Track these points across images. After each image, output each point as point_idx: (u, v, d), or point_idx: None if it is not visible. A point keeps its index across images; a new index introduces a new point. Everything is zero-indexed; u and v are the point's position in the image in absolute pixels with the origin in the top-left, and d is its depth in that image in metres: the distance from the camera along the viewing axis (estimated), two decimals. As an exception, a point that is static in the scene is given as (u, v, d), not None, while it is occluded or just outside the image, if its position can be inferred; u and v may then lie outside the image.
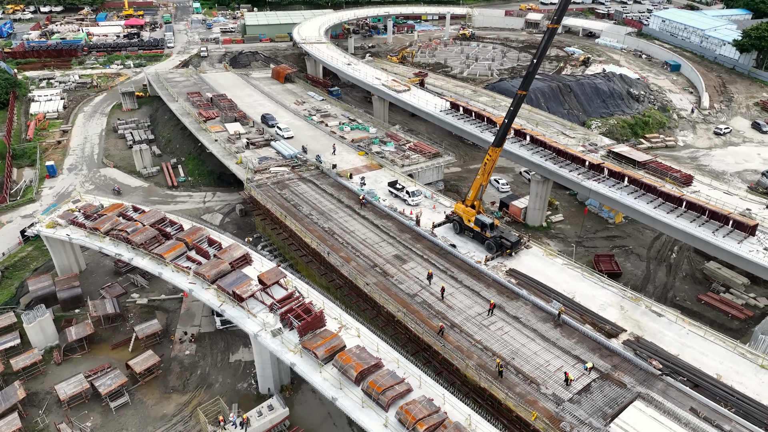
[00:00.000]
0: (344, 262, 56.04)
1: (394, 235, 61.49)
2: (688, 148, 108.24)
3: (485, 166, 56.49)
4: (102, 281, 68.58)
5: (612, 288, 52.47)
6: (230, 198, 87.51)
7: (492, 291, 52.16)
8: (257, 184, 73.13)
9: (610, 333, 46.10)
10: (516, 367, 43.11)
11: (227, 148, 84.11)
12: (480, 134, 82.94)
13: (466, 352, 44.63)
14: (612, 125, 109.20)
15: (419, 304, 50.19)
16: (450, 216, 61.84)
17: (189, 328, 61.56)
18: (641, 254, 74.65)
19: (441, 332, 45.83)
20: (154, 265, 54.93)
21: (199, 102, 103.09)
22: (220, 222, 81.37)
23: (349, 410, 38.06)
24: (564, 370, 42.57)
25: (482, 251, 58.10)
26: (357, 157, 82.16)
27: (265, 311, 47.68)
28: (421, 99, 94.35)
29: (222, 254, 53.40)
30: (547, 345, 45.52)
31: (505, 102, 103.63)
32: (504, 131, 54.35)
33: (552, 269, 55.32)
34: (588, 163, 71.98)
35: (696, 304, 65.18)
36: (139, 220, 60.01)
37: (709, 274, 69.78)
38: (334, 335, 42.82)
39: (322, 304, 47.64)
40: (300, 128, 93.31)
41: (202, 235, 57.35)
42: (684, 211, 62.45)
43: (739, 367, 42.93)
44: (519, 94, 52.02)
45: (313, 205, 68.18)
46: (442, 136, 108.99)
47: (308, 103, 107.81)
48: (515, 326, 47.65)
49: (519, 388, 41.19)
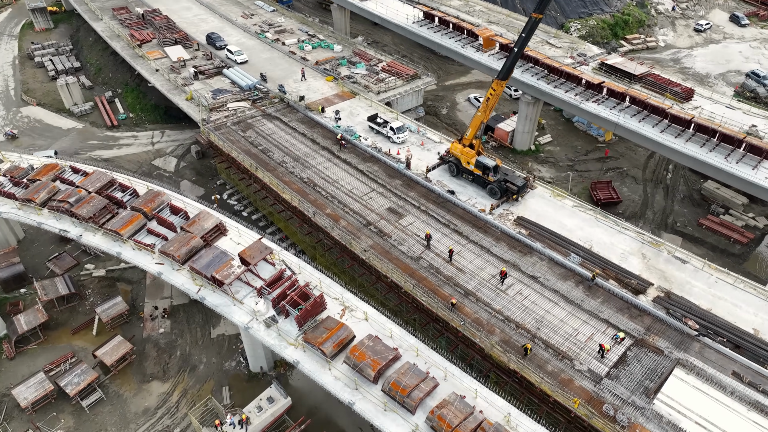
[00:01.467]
0: (333, 222, 49.15)
1: (383, 182, 54.48)
2: (669, 49, 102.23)
3: (488, 101, 48.99)
4: (47, 251, 59.62)
5: (629, 232, 48.19)
6: (182, 137, 77.06)
7: (502, 245, 47.01)
8: (215, 125, 63.20)
9: (638, 289, 42.31)
10: (544, 340, 39.02)
11: (172, 80, 72.26)
12: (461, 50, 73.95)
13: (486, 325, 40.07)
14: (592, 27, 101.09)
15: (425, 270, 44.69)
16: (445, 157, 54.95)
17: (159, 301, 54.62)
18: (636, 176, 70.73)
19: (453, 306, 40.80)
20: (108, 244, 46.65)
21: (129, 21, 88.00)
22: (175, 167, 71.78)
23: (370, 415, 33.39)
24: (595, 339, 38.87)
25: (484, 196, 52.25)
26: (325, 84, 72.27)
27: (253, 295, 41.18)
28: (390, 8, 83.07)
29: (190, 226, 45.47)
30: (573, 309, 41.45)
31: (480, 6, 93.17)
32: (512, 63, 46.40)
33: (562, 213, 50.34)
34: (585, 82, 65.14)
35: (697, 229, 62.60)
36: (81, 185, 50.47)
37: (707, 194, 66.85)
38: (340, 325, 37.10)
39: (319, 283, 41.40)
40: (253, 49, 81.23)
41: (162, 201, 48.75)
42: (693, 134, 57.63)
43: (774, 317, 40.32)
44: (533, 18, 43.61)
45: (285, 149, 59.56)
46: (411, 47, 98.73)
47: (258, 15, 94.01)
48: (534, 288, 43.15)
49: (551, 366, 37.36)
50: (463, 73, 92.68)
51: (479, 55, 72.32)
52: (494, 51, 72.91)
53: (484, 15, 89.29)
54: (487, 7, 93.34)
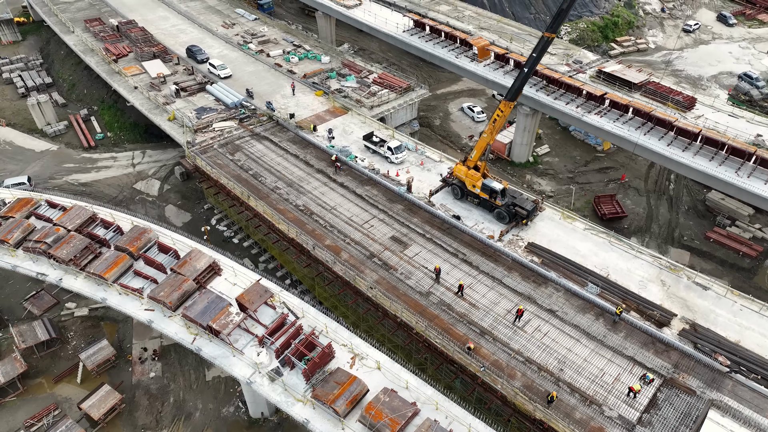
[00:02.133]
0: (334, 255, 46.09)
1: (384, 208, 51.58)
2: (659, 51, 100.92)
3: (494, 123, 46.33)
4: (23, 290, 55.61)
5: (644, 256, 46.04)
6: (165, 157, 73.14)
7: (515, 276, 44.50)
8: (201, 148, 59.55)
9: (661, 321, 40.15)
10: (568, 383, 36.58)
11: (152, 99, 68.26)
12: (455, 60, 71.32)
13: (507, 368, 37.51)
14: (582, 30, 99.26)
15: (436, 306, 41.94)
16: (448, 179, 52.20)
17: (148, 341, 51.06)
18: (639, 187, 68.92)
19: (470, 350, 38.15)
20: (92, 288, 42.96)
21: (103, 33, 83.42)
22: (158, 191, 67.91)
23: (392, 482, 30.50)
24: (622, 380, 36.60)
25: (491, 220, 49.69)
26: (315, 99, 68.96)
27: (254, 344, 37.97)
28: (378, 16, 80.00)
29: (182, 267, 42.01)
30: (595, 345, 39.11)
31: (469, 11, 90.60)
32: (521, 84, 43.75)
33: (574, 237, 48.03)
34: (586, 93, 62.95)
35: (704, 243, 60.96)
36: (59, 223, 46.57)
37: (712, 205, 65.29)
38: (352, 379, 34.17)
39: (325, 328, 38.36)
40: (236, 62, 77.51)
41: (149, 239, 45.14)
42: (700, 147, 55.83)
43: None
44: (546, 37, 40.95)
45: (277, 173, 56.23)
46: (399, 55, 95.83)
47: (239, 24, 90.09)
48: (553, 323, 40.71)
49: (578, 413, 34.94)
50: (453, 81, 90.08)
51: (474, 66, 69.76)
52: (489, 61, 70.37)
53: (474, 21, 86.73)
54: (477, 12, 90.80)
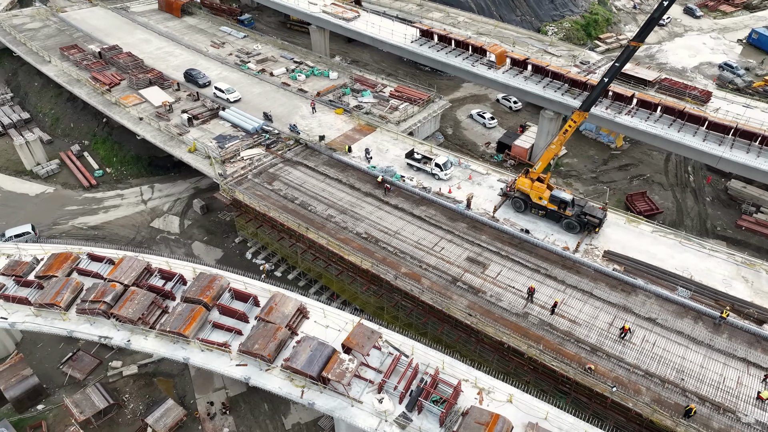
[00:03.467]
0: (415, 283, 44.20)
1: (449, 228, 50.08)
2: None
3: (565, 133, 45.80)
4: (56, 352, 50.52)
5: (719, 254, 46.79)
6: (176, 190, 68.68)
7: (602, 287, 44.10)
8: (236, 180, 56.03)
9: (761, 319, 40.70)
10: (694, 392, 36.38)
11: (164, 130, 63.82)
12: (472, 69, 70.58)
13: (630, 384, 36.88)
14: (567, 29, 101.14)
15: (537, 327, 40.89)
16: (509, 193, 51.28)
17: (212, 394, 47.39)
18: (662, 182, 70.48)
19: (590, 370, 37.35)
20: (168, 347, 39.21)
21: (86, 61, 77.51)
22: (179, 227, 63.57)
23: None
24: (745, 383, 36.77)
25: (559, 231, 49.18)
26: (337, 118, 66.50)
27: (370, 390, 35.62)
28: (383, 28, 78.11)
29: (269, 314, 38.97)
30: (705, 350, 39.22)
31: (462, 17, 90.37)
32: (598, 93, 43.40)
33: (645, 241, 48.23)
34: (612, 94, 63.70)
35: (737, 231, 62.93)
36: (113, 278, 42.29)
37: (734, 194, 67.56)
38: (495, 417, 32.49)
39: (441, 364, 36.46)
40: (240, 84, 73.84)
41: (221, 286, 41.70)
42: (734, 140, 57.55)
43: None
44: (631, 46, 40.66)
45: (325, 199, 53.62)
46: (394, 64, 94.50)
47: (229, 43, 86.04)
48: (657, 332, 40.54)
49: (716, 422, 34.72)
50: (454, 88, 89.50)
51: (493, 73, 69.27)
52: (507, 67, 70.10)
53: (471, 26, 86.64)
54: (471, 17, 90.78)
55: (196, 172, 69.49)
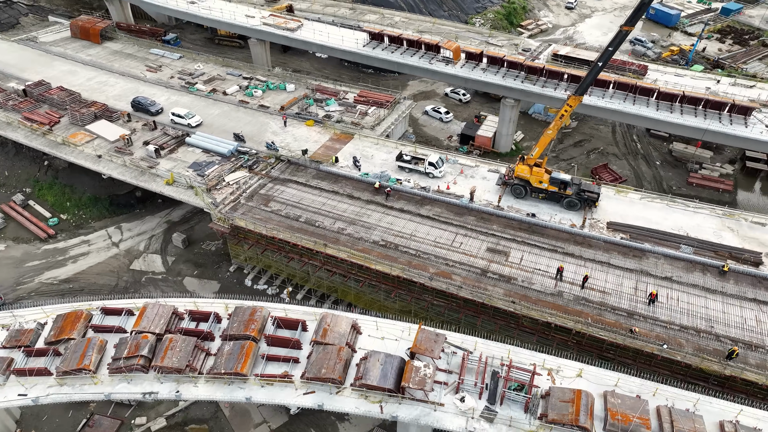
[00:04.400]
0: (450, 282, 45.06)
1: (459, 223, 51.38)
2: (557, 29, 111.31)
3: (561, 118, 48.51)
4: (64, 422, 46.11)
5: (703, 211, 51.84)
6: (148, 227, 64.57)
7: (616, 255, 47.49)
8: (230, 206, 53.78)
9: (756, 261, 45.75)
10: (726, 336, 40.38)
11: (132, 165, 59.73)
12: (430, 66, 72.15)
13: (672, 340, 40.19)
14: (492, 19, 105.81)
15: (573, 302, 43.30)
16: (509, 180, 53.38)
17: (254, 431, 45.49)
18: (615, 152, 76.23)
19: (633, 332, 40.32)
20: (224, 391, 37.26)
21: (11, 101, 70.42)
22: (163, 265, 59.93)
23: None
24: (762, 320, 41.28)
25: (561, 210, 52.04)
26: (310, 130, 65.55)
27: (446, 391, 36.08)
28: (332, 35, 77.61)
29: (324, 336, 38.16)
30: (722, 297, 43.51)
31: (398, 16, 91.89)
32: (593, 77, 46.31)
33: (638, 208, 52.36)
34: (568, 76, 67.96)
35: (689, 188, 69.60)
36: (142, 329, 39.35)
37: (678, 155, 74.58)
38: (577, 393, 34.17)
39: (507, 353, 37.64)
40: (195, 107, 70.51)
41: (264, 317, 40.16)
42: (681, 106, 63.55)
43: None
44: (623, 30, 43.62)
45: (330, 213, 52.92)
46: (336, 69, 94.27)
47: (167, 66, 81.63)
48: (677, 288, 44.36)
49: (752, 359, 38.81)
50: (401, 87, 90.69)
51: (452, 68, 71.29)
52: (463, 62, 72.43)
53: (408, 25, 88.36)
54: (407, 16, 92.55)
55: (164, 205, 66.36)
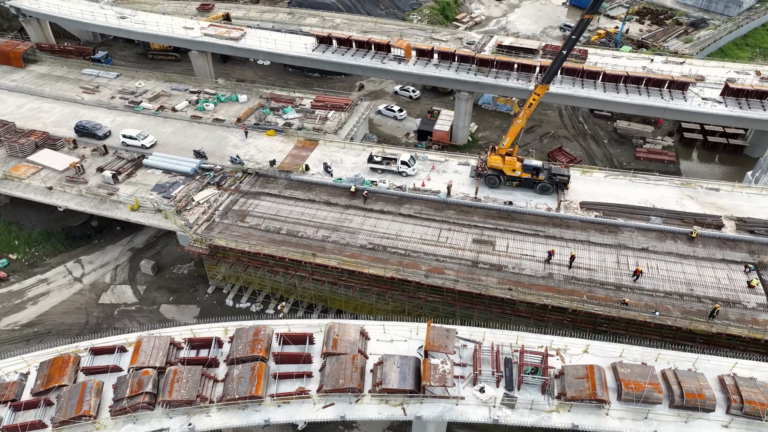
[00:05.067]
0: (443, 276, 45.69)
1: (441, 218, 52.13)
2: (490, 20, 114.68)
3: (530, 107, 50.13)
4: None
5: (663, 183, 55.23)
6: (110, 257, 61.30)
7: (594, 233, 49.86)
8: (206, 226, 51.92)
9: (718, 224, 49.28)
10: (708, 297, 43.36)
11: (87, 194, 56.40)
12: (383, 66, 72.57)
13: (660, 306, 42.72)
14: (428, 15, 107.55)
15: (564, 283, 45.10)
16: (483, 172, 54.61)
17: (264, 452, 44.31)
18: (566, 135, 79.63)
19: (626, 303, 42.56)
20: (240, 416, 36.07)
21: (-63, 137, 64.58)
22: (135, 295, 57.17)
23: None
24: (735, 278, 44.74)
25: (535, 196, 53.89)
26: (272, 140, 64.25)
27: (464, 384, 36.65)
28: (279, 41, 76.28)
29: (335, 347, 37.73)
30: (694, 261, 46.59)
31: (340, 18, 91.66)
32: (559, 65, 48.03)
33: (604, 185, 55.13)
34: (518, 65, 70.25)
35: (637, 162, 73.88)
36: (140, 365, 37.37)
37: (622, 132, 78.91)
38: (590, 367, 35.62)
39: (516, 339, 38.73)
40: (146, 127, 67.22)
41: (268, 335, 39.16)
42: (625, 86, 67.28)
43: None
44: (585, 19, 45.34)
45: (310, 222, 52.20)
46: (282, 75, 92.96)
47: (104, 87, 77.34)
48: (653, 258, 47.11)
49: (731, 315, 41.91)
50: (350, 89, 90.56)
51: (405, 66, 71.98)
52: (415, 59, 73.24)
53: (351, 26, 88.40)
54: (348, 18, 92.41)
55: (125, 232, 63.32)
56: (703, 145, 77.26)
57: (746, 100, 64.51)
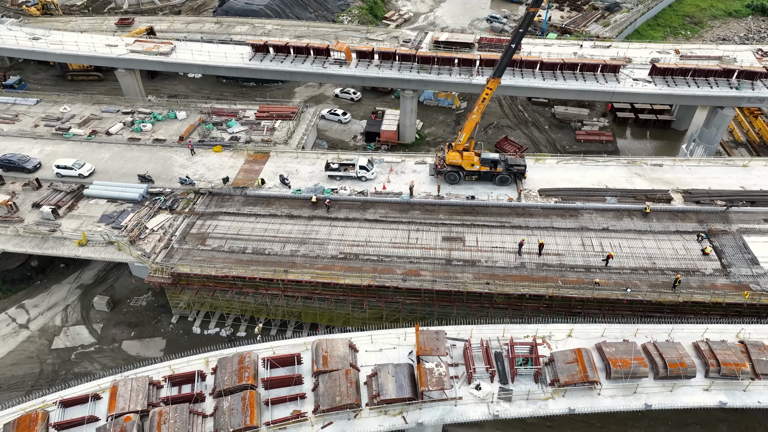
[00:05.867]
0: (419, 278, 45.70)
1: (407, 219, 52.11)
2: (419, 16, 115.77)
3: (483, 102, 50.85)
4: None
5: (611, 164, 57.76)
6: (57, 297, 57.47)
7: (556, 219, 51.39)
8: (165, 254, 49.31)
9: (667, 198, 52.10)
10: (669, 268, 45.77)
11: (26, 233, 52.19)
12: (326, 70, 71.40)
13: (629, 283, 44.68)
14: (358, 15, 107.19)
15: (536, 270, 46.23)
16: (442, 169, 54.95)
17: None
18: (509, 124, 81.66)
19: (597, 284, 44.22)
20: (238, 449, 34.54)
21: None
22: (91, 335, 53.70)
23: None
24: (688, 248, 47.50)
25: (494, 188, 54.89)
26: (221, 156, 61.86)
27: (459, 384, 36.80)
28: (213, 53, 73.45)
29: (326, 364, 36.83)
30: (651, 236, 49.05)
31: (270, 24, 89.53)
32: (509, 59, 48.81)
33: (557, 171, 56.97)
34: (458, 60, 71.23)
35: (578, 144, 76.95)
36: (120, 412, 34.98)
37: (561, 117, 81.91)
38: (578, 351, 36.66)
39: (503, 333, 39.30)
40: (78, 154, 63.07)
41: (253, 361, 37.68)
42: (562, 73, 69.80)
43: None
44: (530, 12, 46.15)
45: (276, 238, 50.71)
46: (216, 87, 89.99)
47: (24, 114, 71.80)
48: (614, 237, 49.19)
49: (693, 282, 44.51)
50: (289, 95, 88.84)
51: (347, 69, 71.23)
52: (356, 61, 72.68)
53: (284, 32, 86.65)
54: (280, 23, 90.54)
55: (70, 269, 59.41)
56: (634, 122, 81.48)
57: (672, 78, 68.43)
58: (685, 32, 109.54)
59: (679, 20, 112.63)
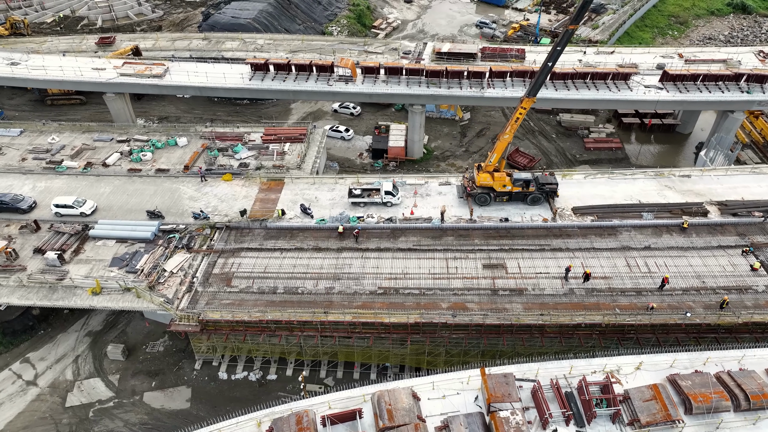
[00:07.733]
0: (467, 311, 43.48)
1: (443, 246, 49.80)
2: (407, 23, 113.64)
3: (517, 121, 48.91)
4: None
5: (640, 176, 56.66)
6: (65, 348, 53.39)
7: (595, 239, 49.81)
8: (189, 300, 45.80)
9: (703, 212, 51.17)
10: (719, 287, 44.68)
11: (30, 283, 47.88)
12: (331, 88, 68.75)
13: (681, 305, 43.40)
14: (347, 25, 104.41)
15: (586, 296, 44.52)
16: (473, 192, 52.82)
17: None
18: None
19: (653, 308, 42.83)
20: None
21: None
22: (108, 388, 49.76)
23: None
24: (736, 263, 46.57)
25: (527, 208, 53.05)
26: (231, 186, 58.34)
27: (533, 429, 34.73)
28: (210, 74, 69.68)
29: (392, 418, 34.23)
30: (693, 252, 47.98)
31: (261, 39, 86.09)
32: (545, 77, 46.90)
33: (587, 187, 55.50)
34: (467, 72, 69.35)
35: (588, 153, 76.10)
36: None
37: (567, 125, 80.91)
38: (654, 387, 35.04)
39: (569, 369, 37.37)
40: (76, 190, 58.69)
41: (312, 420, 34.78)
42: (574, 82, 68.67)
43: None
44: (569, 30, 44.33)
45: (305, 275, 47.69)
46: (210, 107, 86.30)
47: (8, 147, 66.62)
48: (658, 255, 47.91)
49: (747, 301, 43.43)
50: (285, 114, 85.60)
51: (353, 86, 68.59)
52: (362, 77, 69.99)
53: (278, 47, 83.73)
54: (272, 38, 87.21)
55: (75, 316, 55.28)
56: (639, 127, 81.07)
57: (683, 83, 67.98)
58: (672, 32, 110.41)
59: (665, 20, 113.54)
